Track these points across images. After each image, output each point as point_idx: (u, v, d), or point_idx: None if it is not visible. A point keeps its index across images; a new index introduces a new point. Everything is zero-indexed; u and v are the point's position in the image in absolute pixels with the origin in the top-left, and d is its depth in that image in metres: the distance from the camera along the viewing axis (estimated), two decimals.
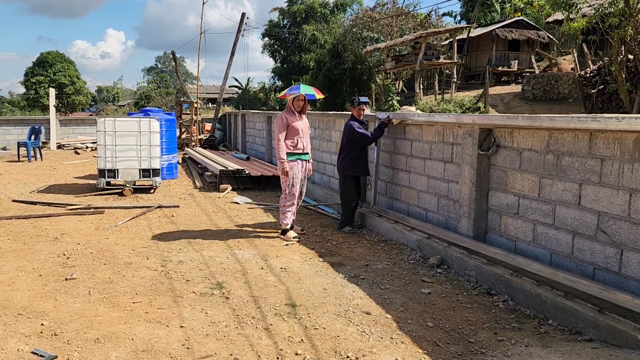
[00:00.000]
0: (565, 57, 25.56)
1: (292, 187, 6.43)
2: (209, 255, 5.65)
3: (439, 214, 6.07)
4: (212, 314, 4.04)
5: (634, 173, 3.69)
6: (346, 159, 6.76)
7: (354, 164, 6.73)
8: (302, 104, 6.52)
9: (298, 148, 6.45)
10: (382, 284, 4.82)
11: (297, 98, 6.45)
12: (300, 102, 6.48)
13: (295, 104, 6.46)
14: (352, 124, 6.65)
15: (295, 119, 6.40)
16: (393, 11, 29.95)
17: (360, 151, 6.75)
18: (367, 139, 6.65)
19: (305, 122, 6.57)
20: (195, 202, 8.80)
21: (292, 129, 6.39)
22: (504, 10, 30.87)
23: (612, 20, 11.60)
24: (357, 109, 6.78)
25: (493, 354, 3.44)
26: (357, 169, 6.77)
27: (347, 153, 6.74)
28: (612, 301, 3.61)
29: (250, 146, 15.91)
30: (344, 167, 6.79)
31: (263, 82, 47.47)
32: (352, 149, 6.69)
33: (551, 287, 4.05)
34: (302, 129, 6.45)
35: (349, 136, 6.67)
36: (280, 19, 42.06)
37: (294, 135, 6.42)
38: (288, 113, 6.46)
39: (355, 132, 6.58)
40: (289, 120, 6.38)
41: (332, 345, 3.53)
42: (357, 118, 6.77)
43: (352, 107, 6.83)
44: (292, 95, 6.45)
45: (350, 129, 6.63)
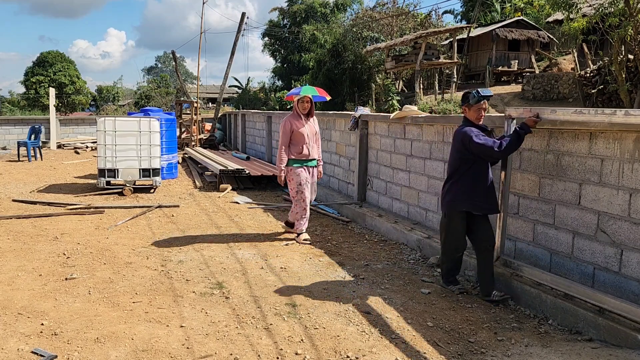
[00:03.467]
0: (566, 57, 25.55)
1: (300, 193, 6.15)
2: (209, 254, 5.65)
3: (439, 213, 6.06)
4: (212, 313, 4.04)
5: (634, 173, 3.69)
6: (456, 186, 4.43)
7: (471, 194, 4.37)
8: (308, 106, 6.21)
9: (303, 155, 6.17)
10: (382, 283, 4.82)
11: (302, 100, 6.16)
12: (306, 104, 6.18)
13: (300, 106, 6.18)
14: (468, 130, 4.30)
15: (300, 124, 6.14)
16: (393, 11, 29.96)
17: (482, 172, 4.37)
18: (499, 152, 4.14)
19: (312, 126, 6.27)
20: (195, 202, 8.80)
21: (296, 135, 6.13)
22: (504, 10, 30.83)
23: (612, 20, 11.59)
24: (474, 109, 4.39)
25: (493, 353, 3.44)
26: (476, 200, 4.37)
27: (459, 176, 4.41)
28: None
29: (250, 146, 15.91)
30: (453, 197, 4.47)
31: (263, 82, 47.51)
32: (468, 169, 4.36)
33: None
34: (308, 134, 6.16)
35: (464, 149, 4.33)
36: (280, 19, 42.06)
37: (299, 142, 6.15)
38: (294, 117, 6.19)
39: (475, 143, 4.20)
40: (293, 125, 6.13)
41: (332, 345, 3.53)
42: (475, 122, 4.42)
43: (467, 106, 4.43)
44: (297, 96, 6.23)
45: (467, 138, 4.26)
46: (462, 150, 4.36)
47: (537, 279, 4.21)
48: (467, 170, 4.37)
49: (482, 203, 4.38)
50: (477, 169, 4.36)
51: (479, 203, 4.38)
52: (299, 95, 6.18)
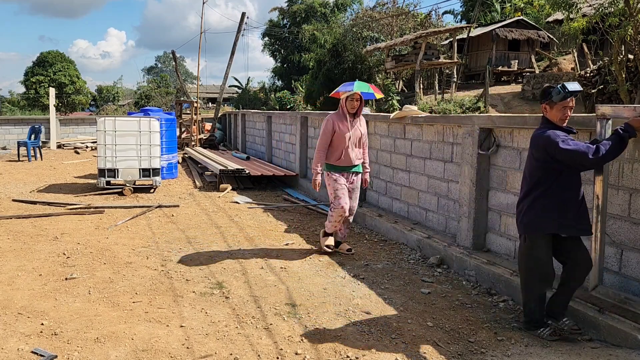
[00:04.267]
0: (566, 57, 25.55)
1: (337, 199, 5.49)
2: (209, 255, 5.65)
3: (438, 213, 6.07)
4: (212, 313, 4.04)
5: (634, 173, 3.69)
6: (539, 203, 3.58)
7: (559, 212, 3.53)
8: (357, 105, 5.48)
9: (342, 161, 5.49)
10: (382, 283, 4.82)
11: (351, 97, 5.44)
12: (355, 103, 5.46)
13: (348, 104, 5.47)
14: (551, 134, 3.46)
15: (344, 126, 5.46)
16: (393, 11, 29.95)
17: (571, 184, 3.54)
18: (594, 159, 3.30)
19: (358, 129, 5.57)
20: (195, 202, 8.80)
21: (338, 138, 5.46)
22: (504, 10, 30.83)
23: (612, 20, 11.60)
24: (558, 107, 3.54)
25: (493, 353, 3.44)
26: (565, 220, 3.53)
27: (543, 191, 3.56)
28: None
29: (250, 146, 15.91)
30: (535, 218, 3.60)
31: (263, 82, 47.51)
32: (554, 181, 3.52)
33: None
34: (351, 138, 5.47)
35: (548, 157, 3.49)
36: (280, 19, 42.08)
37: (339, 146, 5.47)
38: (338, 117, 5.52)
39: (563, 150, 3.36)
40: (335, 126, 5.46)
41: (332, 345, 3.53)
42: (558, 124, 3.57)
43: (548, 104, 3.58)
44: (345, 93, 5.50)
45: (551, 145, 3.42)
46: (545, 158, 3.50)
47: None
48: (552, 183, 3.52)
49: (574, 223, 3.53)
50: (566, 181, 3.50)
51: (570, 223, 3.53)
52: (349, 92, 5.45)
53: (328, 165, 5.60)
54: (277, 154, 12.71)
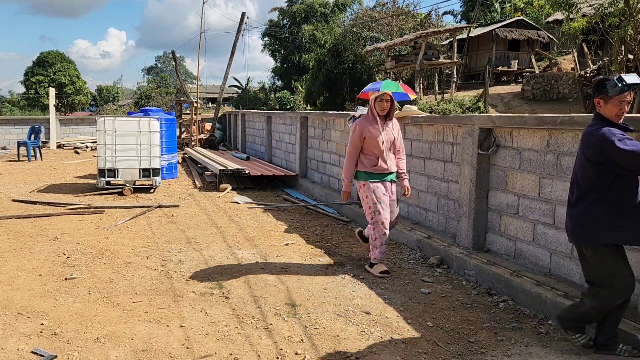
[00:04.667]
0: (565, 57, 25.55)
1: (377, 214, 4.91)
2: (209, 254, 5.65)
3: (438, 213, 6.07)
4: (212, 313, 4.04)
5: None
6: (596, 210, 3.16)
7: (620, 220, 3.11)
8: (387, 106, 4.95)
9: (377, 168, 4.95)
10: (381, 283, 4.82)
11: (380, 98, 4.92)
12: (385, 104, 4.93)
13: (378, 105, 4.94)
14: (607, 132, 3.08)
15: (375, 130, 4.91)
16: (393, 11, 29.95)
17: (630, 188, 3.14)
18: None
19: (390, 132, 5.00)
20: (195, 202, 8.80)
21: (370, 143, 4.92)
22: (504, 10, 30.83)
23: (612, 20, 11.62)
24: (614, 102, 3.16)
25: (493, 353, 3.45)
26: (627, 228, 3.11)
27: (599, 196, 3.15)
28: None
29: (250, 146, 15.91)
30: (592, 226, 3.17)
31: (263, 82, 47.55)
32: (610, 184, 3.12)
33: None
34: (384, 142, 4.92)
35: (602, 158, 3.09)
36: (280, 19, 42.09)
37: (373, 151, 4.94)
38: (367, 120, 4.98)
39: (620, 150, 2.99)
40: (365, 131, 4.92)
41: (332, 345, 3.53)
42: (614, 120, 3.18)
43: (602, 98, 3.20)
44: (374, 93, 5.00)
45: (607, 144, 3.04)
46: (599, 159, 3.10)
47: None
48: (609, 187, 3.12)
49: (636, 231, 3.11)
50: (623, 184, 3.12)
51: (632, 231, 3.11)
52: (378, 92, 4.96)
53: (363, 174, 4.98)
54: (277, 154, 12.71)
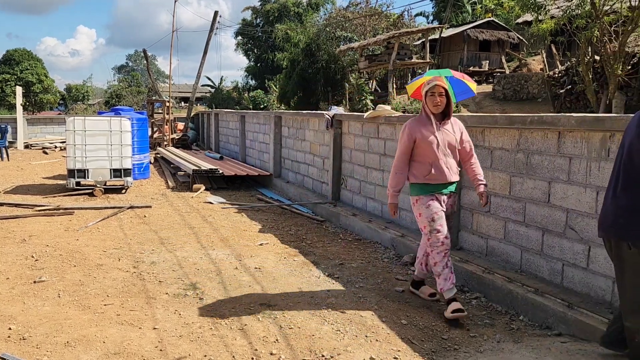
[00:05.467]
0: (535, 58, 26.07)
1: (435, 233, 3.98)
2: (182, 255, 5.59)
3: (412, 212, 6.11)
4: (185, 315, 3.99)
5: (601, 171, 3.79)
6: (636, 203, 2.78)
7: None
8: (441, 102, 3.98)
9: (431, 177, 4.00)
10: (356, 282, 4.84)
11: (430, 91, 3.97)
12: (437, 99, 3.96)
13: (429, 101, 4.00)
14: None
15: (428, 131, 4.00)
16: (366, 11, 30.11)
17: None
18: None
19: (450, 133, 4.06)
20: (168, 202, 8.69)
21: (422, 147, 4.00)
22: (474, 11, 31.32)
23: (579, 22, 11.90)
24: None
25: (466, 350, 3.49)
26: None
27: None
28: None
29: (223, 145, 15.79)
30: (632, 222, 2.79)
31: (236, 81, 47.31)
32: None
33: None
34: (440, 145, 3.99)
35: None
36: (253, 18, 41.89)
37: (427, 158, 4.00)
38: (419, 120, 4.08)
39: None
40: (415, 133, 4.00)
41: (307, 345, 3.53)
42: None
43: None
44: (424, 86, 4.07)
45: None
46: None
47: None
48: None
49: None
50: None
51: None
52: (428, 85, 4.01)
53: (416, 187, 4.08)
54: (250, 154, 12.65)
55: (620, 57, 11.71)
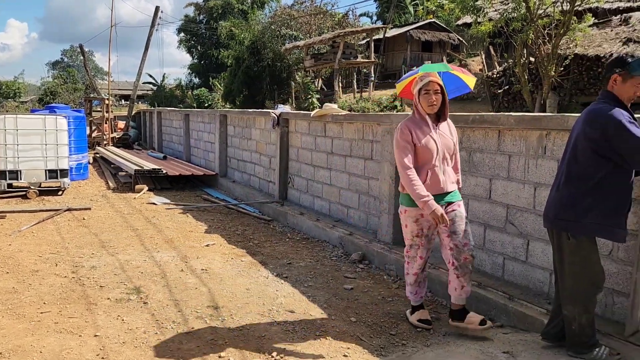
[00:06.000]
0: (474, 59, 26.93)
1: (414, 248, 3.72)
2: (125, 259, 5.40)
3: (360, 210, 6.18)
4: (129, 320, 3.85)
5: (538, 168, 3.95)
6: (593, 200, 2.90)
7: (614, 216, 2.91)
8: (436, 100, 3.53)
9: (432, 186, 3.53)
10: (305, 281, 4.83)
11: (425, 89, 3.52)
12: (432, 97, 3.51)
13: (423, 100, 3.54)
14: (616, 113, 2.81)
15: (426, 133, 3.55)
16: (311, 9, 30.17)
17: (627, 183, 2.92)
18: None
19: (448, 136, 3.64)
20: (109, 204, 8.38)
21: (421, 152, 3.54)
22: (417, 12, 32.01)
23: (516, 25, 12.37)
24: (633, 82, 2.88)
25: (413, 344, 3.55)
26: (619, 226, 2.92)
27: (596, 185, 2.89)
28: None
29: (167, 145, 15.41)
30: (588, 216, 2.91)
31: (179, 79, 46.27)
32: (607, 175, 2.88)
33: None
34: (439, 151, 3.56)
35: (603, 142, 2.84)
36: (196, 14, 41.08)
37: (424, 163, 3.56)
38: (414, 122, 3.60)
39: (627, 132, 2.75)
40: (414, 135, 3.53)
41: (257, 346, 3.49)
42: (625, 102, 2.92)
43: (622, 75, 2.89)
44: (416, 84, 3.59)
45: (613, 124, 2.78)
46: (600, 142, 2.83)
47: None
48: (606, 176, 2.86)
49: (624, 230, 2.94)
50: (621, 177, 2.88)
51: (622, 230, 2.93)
52: (421, 81, 3.54)
53: (407, 197, 3.61)
54: (195, 153, 12.40)
55: (553, 59, 12.28)
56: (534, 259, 3.99)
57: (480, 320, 3.52)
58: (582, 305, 2.98)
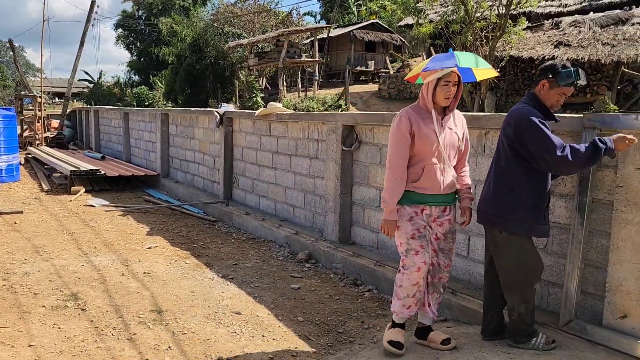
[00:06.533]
0: (416, 59, 27.54)
1: (411, 255, 3.15)
2: (61, 264, 5.15)
3: (306, 209, 6.17)
4: (66, 328, 3.68)
5: (478, 166, 4.08)
6: (515, 197, 3.00)
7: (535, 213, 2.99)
8: (454, 92, 3.14)
9: (421, 185, 3.17)
10: (251, 282, 4.78)
11: (446, 79, 3.08)
12: (452, 89, 3.11)
13: (440, 91, 3.11)
14: (530, 111, 2.92)
15: (429, 127, 3.14)
16: (254, 8, 29.92)
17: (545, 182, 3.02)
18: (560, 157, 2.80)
19: (454, 132, 3.24)
20: (43, 207, 7.98)
21: (418, 145, 3.14)
22: (360, 12, 32.39)
23: (455, 27, 12.74)
24: (557, 91, 2.96)
25: (361, 341, 3.58)
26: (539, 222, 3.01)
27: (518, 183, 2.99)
28: None
29: (105, 144, 14.85)
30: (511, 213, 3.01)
31: (118, 77, 44.67)
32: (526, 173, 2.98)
33: None
34: (441, 146, 3.15)
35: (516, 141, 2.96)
36: (135, 10, 39.84)
37: (423, 159, 3.17)
38: (418, 112, 3.20)
39: (536, 128, 2.85)
40: (415, 126, 3.14)
41: (202, 349, 3.41)
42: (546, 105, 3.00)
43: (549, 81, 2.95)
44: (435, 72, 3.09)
45: (525, 123, 2.89)
46: (515, 141, 2.95)
47: None
48: (524, 174, 2.96)
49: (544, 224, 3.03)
50: (538, 175, 2.98)
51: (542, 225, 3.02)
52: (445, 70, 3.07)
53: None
54: (136, 153, 12.02)
55: (490, 61, 12.74)
56: (475, 253, 4.11)
57: (443, 340, 3.25)
58: (520, 295, 3.05)
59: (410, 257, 3.15)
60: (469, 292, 3.96)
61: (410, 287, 3.18)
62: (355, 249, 5.19)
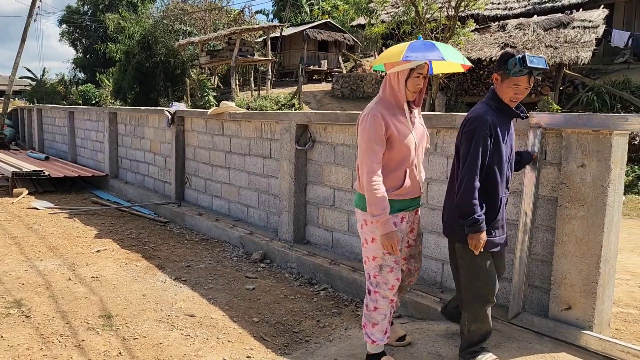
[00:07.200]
0: (369, 59, 27.87)
1: (385, 270, 2.91)
2: (2, 269, 4.91)
3: (260, 209, 6.13)
4: (9, 337, 3.51)
5: (430, 164, 4.15)
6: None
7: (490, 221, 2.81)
8: (424, 85, 2.92)
9: (403, 192, 2.91)
10: (205, 284, 4.70)
11: (418, 70, 2.83)
12: (421, 81, 2.88)
13: (411, 83, 2.84)
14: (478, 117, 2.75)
15: (402, 124, 2.86)
16: (206, 5, 29.48)
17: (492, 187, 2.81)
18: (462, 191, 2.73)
19: (420, 125, 3.04)
20: None
21: (397, 147, 2.85)
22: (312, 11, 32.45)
23: (406, 28, 12.97)
24: (509, 83, 2.76)
25: (316, 340, 3.59)
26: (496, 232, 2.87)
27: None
28: None
29: (49, 144, 14.28)
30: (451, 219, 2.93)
31: (62, 74, 43.01)
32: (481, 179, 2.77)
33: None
34: (417, 144, 2.94)
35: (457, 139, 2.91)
36: (80, 5, 38.49)
37: (401, 161, 2.89)
38: (388, 108, 2.88)
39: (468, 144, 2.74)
40: (391, 125, 2.82)
41: (155, 354, 3.33)
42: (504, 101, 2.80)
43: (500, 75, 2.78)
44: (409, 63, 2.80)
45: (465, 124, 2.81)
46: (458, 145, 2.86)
47: None
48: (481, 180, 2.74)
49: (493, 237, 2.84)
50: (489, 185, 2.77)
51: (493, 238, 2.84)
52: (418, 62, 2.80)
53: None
54: (82, 153, 11.61)
55: None
56: (428, 250, 4.18)
57: (399, 337, 3.21)
58: (472, 313, 2.89)
59: (384, 274, 2.90)
60: (422, 288, 4.03)
61: (386, 307, 2.94)
62: (310, 248, 5.19)
